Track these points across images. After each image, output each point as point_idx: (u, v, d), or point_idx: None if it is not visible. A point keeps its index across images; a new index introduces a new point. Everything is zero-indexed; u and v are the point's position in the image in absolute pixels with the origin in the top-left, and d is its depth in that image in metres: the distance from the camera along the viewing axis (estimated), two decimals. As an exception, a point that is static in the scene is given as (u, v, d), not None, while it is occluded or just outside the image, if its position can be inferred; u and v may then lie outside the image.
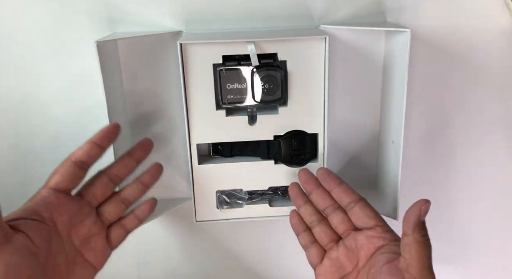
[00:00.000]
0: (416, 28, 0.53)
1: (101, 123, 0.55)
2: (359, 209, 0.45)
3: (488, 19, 0.53)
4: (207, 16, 0.52)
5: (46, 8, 0.51)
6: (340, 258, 0.45)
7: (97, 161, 0.46)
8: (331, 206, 0.47)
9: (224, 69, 0.49)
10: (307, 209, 0.48)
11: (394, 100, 0.52)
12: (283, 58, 0.49)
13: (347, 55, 0.54)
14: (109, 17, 0.51)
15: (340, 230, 0.46)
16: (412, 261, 0.37)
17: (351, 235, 0.45)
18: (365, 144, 0.58)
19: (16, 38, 0.52)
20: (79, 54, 0.52)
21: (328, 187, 0.48)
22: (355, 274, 0.44)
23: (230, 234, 0.62)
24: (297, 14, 0.52)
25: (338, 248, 0.46)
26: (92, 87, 0.54)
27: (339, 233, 0.47)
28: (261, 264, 0.65)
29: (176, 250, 0.63)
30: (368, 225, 0.44)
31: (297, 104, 0.51)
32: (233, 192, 0.55)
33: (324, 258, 0.46)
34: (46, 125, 0.55)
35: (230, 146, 0.54)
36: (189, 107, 0.50)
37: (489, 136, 0.58)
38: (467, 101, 0.57)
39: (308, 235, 0.48)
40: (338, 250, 0.45)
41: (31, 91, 0.54)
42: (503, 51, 0.54)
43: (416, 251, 0.37)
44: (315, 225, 0.48)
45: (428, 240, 0.37)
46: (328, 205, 0.47)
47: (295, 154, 0.52)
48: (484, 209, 0.62)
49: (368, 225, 0.44)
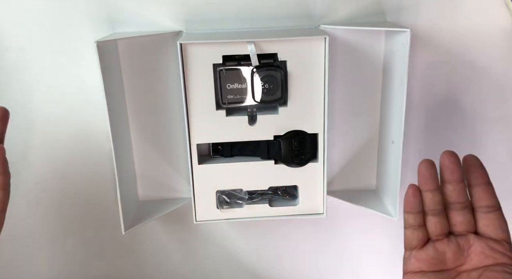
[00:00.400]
0: (416, 28, 0.53)
1: (101, 123, 0.55)
2: (495, 217, 0.42)
3: (488, 19, 0.53)
4: (207, 16, 0.52)
5: (46, 8, 0.51)
6: (447, 253, 0.42)
7: None
8: (463, 203, 0.42)
9: (224, 69, 0.49)
10: (435, 197, 0.42)
11: (394, 100, 0.52)
12: (283, 58, 0.49)
13: (347, 55, 0.54)
14: (109, 17, 0.51)
15: (457, 229, 0.43)
16: None
17: (469, 236, 0.42)
18: (365, 144, 0.58)
19: (16, 38, 0.52)
20: (79, 54, 0.52)
21: (473, 181, 0.42)
22: (454, 274, 0.42)
23: (230, 234, 0.62)
24: (297, 14, 0.52)
25: (449, 243, 0.42)
26: (92, 87, 0.54)
27: (454, 230, 0.43)
28: (261, 264, 0.65)
29: (176, 250, 0.63)
30: (496, 237, 0.42)
31: (297, 104, 0.51)
32: (233, 192, 0.55)
33: (428, 246, 0.43)
34: (46, 125, 0.55)
35: (230, 146, 0.54)
36: (189, 107, 0.50)
37: (489, 136, 0.58)
38: (467, 101, 0.57)
39: (419, 218, 0.43)
40: (449, 245, 0.42)
41: (31, 91, 0.54)
42: (503, 51, 0.54)
43: None
44: (434, 214, 0.43)
45: None
46: (460, 201, 0.42)
47: (295, 154, 0.52)
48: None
49: (497, 237, 0.42)
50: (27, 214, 0.59)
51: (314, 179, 0.54)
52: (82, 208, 0.60)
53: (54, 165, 0.57)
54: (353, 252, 0.65)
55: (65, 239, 0.61)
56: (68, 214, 0.60)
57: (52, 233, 0.60)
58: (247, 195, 0.55)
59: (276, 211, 0.55)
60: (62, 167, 0.57)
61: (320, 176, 0.54)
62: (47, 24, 0.51)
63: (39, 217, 0.60)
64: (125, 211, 0.52)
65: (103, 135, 0.56)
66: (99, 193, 0.59)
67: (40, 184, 0.58)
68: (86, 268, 0.63)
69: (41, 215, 0.59)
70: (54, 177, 0.57)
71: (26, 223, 0.60)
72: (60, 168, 0.57)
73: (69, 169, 0.57)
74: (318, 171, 0.54)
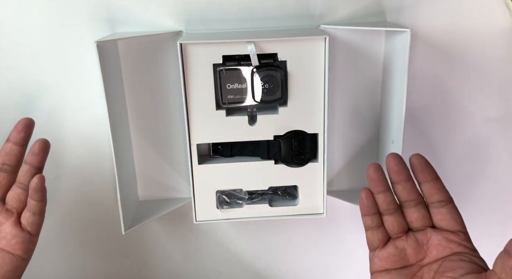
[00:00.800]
0: (416, 28, 0.53)
1: (101, 122, 0.55)
2: (448, 211, 0.43)
3: (488, 19, 0.53)
4: (207, 16, 0.52)
5: (46, 8, 0.51)
6: (407, 249, 0.44)
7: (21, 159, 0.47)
8: (415, 200, 0.44)
9: (224, 69, 0.49)
10: (387, 198, 0.44)
11: (394, 100, 0.52)
12: (283, 58, 0.49)
13: (347, 55, 0.54)
14: (109, 17, 0.51)
15: (415, 225, 0.44)
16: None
17: (426, 231, 0.44)
18: (365, 144, 0.58)
19: (16, 38, 0.52)
20: (79, 54, 0.52)
21: (420, 179, 0.43)
22: (416, 269, 0.43)
23: (230, 234, 0.62)
24: (297, 14, 0.52)
25: (408, 240, 0.44)
26: (92, 87, 0.54)
27: (412, 227, 0.45)
28: (261, 264, 0.65)
29: (176, 250, 0.63)
30: (451, 229, 0.43)
31: (297, 104, 0.51)
32: (233, 192, 0.55)
33: (388, 245, 0.45)
34: (46, 125, 0.55)
35: (230, 146, 0.54)
36: (189, 107, 0.50)
37: (489, 136, 0.58)
38: (467, 101, 0.57)
39: (377, 219, 0.45)
40: (408, 241, 0.44)
41: (31, 91, 0.54)
42: (503, 51, 0.54)
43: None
44: (389, 214, 0.44)
45: None
46: (412, 199, 0.44)
47: (295, 154, 0.52)
48: (484, 209, 0.62)
49: (452, 229, 0.43)
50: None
51: (314, 179, 0.54)
52: (82, 208, 0.60)
53: (54, 165, 0.57)
54: (353, 252, 0.65)
55: (65, 239, 0.61)
56: (68, 214, 0.60)
57: (52, 233, 0.60)
58: (247, 195, 0.55)
59: (276, 211, 0.55)
60: (62, 167, 0.57)
61: (320, 176, 0.54)
62: (47, 24, 0.51)
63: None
64: (125, 211, 0.52)
65: (103, 135, 0.56)
66: (99, 193, 0.59)
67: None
68: (86, 268, 0.63)
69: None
70: (54, 177, 0.57)
71: (26, 223, 0.60)
72: (60, 168, 0.57)
73: (69, 169, 0.57)
74: (318, 171, 0.54)
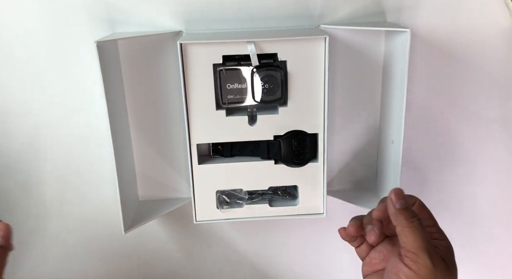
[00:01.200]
0: (416, 28, 0.53)
1: (101, 123, 0.55)
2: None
3: (488, 19, 0.53)
4: (207, 16, 0.52)
5: (46, 8, 0.51)
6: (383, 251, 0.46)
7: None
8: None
9: (224, 69, 0.49)
10: (363, 247, 0.47)
11: (394, 100, 0.52)
12: (283, 58, 0.49)
13: (347, 55, 0.54)
14: (109, 17, 0.51)
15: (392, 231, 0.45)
16: (406, 245, 0.39)
17: None
18: (365, 144, 0.58)
19: (16, 38, 0.52)
20: (79, 54, 0.52)
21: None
22: None
23: (230, 234, 0.62)
24: (297, 14, 0.52)
25: (384, 244, 0.46)
26: (92, 87, 0.54)
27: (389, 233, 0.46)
28: (261, 264, 0.65)
29: (176, 250, 0.63)
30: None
31: (297, 104, 0.51)
32: (233, 192, 0.55)
33: (371, 251, 0.47)
34: (46, 125, 0.55)
35: (230, 146, 0.54)
36: (189, 107, 0.50)
37: (489, 136, 0.58)
38: (467, 101, 0.57)
39: (359, 240, 0.48)
40: (384, 245, 0.46)
41: (32, 90, 0.54)
42: (503, 51, 0.54)
43: (407, 236, 0.39)
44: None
45: (416, 223, 0.39)
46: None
47: (295, 154, 0.52)
48: (484, 209, 0.62)
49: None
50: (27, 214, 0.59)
51: (314, 179, 0.54)
52: (82, 208, 0.60)
53: (54, 165, 0.57)
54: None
55: (65, 239, 0.61)
56: (68, 214, 0.60)
57: (52, 233, 0.60)
58: (247, 195, 0.55)
59: (276, 211, 0.55)
60: (62, 167, 0.57)
61: (320, 176, 0.54)
62: (47, 24, 0.51)
63: (39, 217, 0.60)
64: (125, 211, 0.52)
65: (103, 135, 0.56)
66: (99, 193, 0.59)
67: (40, 184, 0.58)
68: (86, 268, 0.63)
69: (41, 215, 0.59)
70: (54, 177, 0.57)
71: (26, 223, 0.59)
72: (60, 168, 0.57)
73: (69, 169, 0.57)
74: (318, 171, 0.54)
